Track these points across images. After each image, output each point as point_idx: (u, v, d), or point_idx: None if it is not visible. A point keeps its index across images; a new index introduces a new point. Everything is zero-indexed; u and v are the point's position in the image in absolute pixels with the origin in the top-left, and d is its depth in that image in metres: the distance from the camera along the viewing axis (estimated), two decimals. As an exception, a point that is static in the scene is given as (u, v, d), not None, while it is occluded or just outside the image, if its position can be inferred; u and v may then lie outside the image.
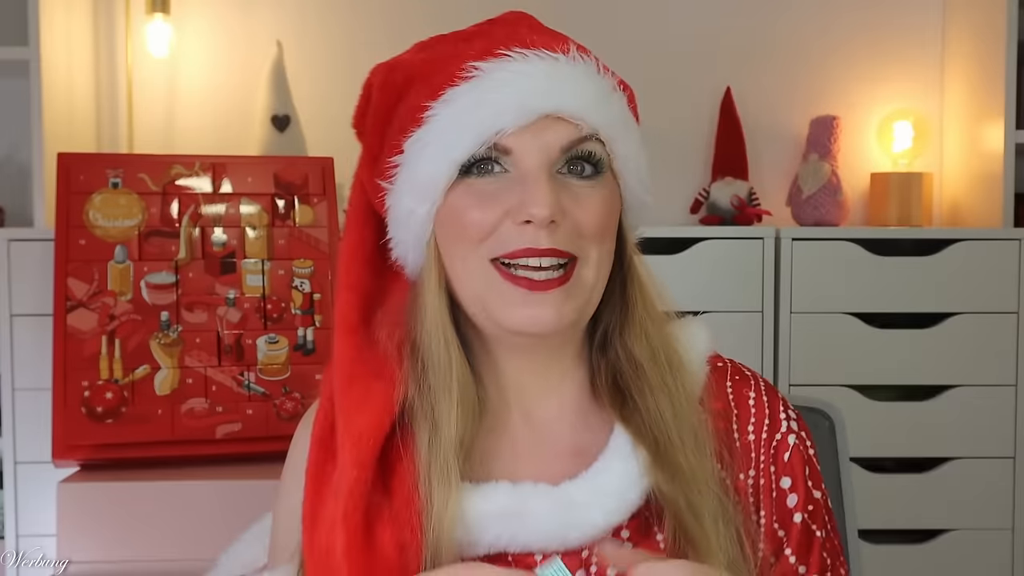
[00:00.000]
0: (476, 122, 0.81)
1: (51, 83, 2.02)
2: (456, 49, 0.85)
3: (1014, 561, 2.03)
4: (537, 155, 0.81)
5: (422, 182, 0.83)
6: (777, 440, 0.89)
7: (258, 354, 1.82)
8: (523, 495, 0.82)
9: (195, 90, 2.32)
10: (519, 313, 0.81)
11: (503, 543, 0.82)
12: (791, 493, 0.88)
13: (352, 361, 0.86)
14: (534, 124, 0.81)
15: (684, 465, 0.83)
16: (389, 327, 0.87)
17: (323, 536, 0.81)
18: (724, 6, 2.37)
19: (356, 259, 0.89)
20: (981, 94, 2.21)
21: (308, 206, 1.90)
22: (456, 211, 0.82)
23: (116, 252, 1.80)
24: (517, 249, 0.80)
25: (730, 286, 1.99)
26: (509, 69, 0.82)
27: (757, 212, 2.21)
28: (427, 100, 0.83)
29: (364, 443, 0.81)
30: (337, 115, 2.37)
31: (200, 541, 1.65)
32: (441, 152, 0.82)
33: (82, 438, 1.72)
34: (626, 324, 0.88)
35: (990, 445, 2.03)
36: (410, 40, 0.93)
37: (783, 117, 2.38)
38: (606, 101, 0.84)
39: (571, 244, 0.81)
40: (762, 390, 0.92)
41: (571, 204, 0.81)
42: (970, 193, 2.26)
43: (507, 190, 0.81)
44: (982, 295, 2.02)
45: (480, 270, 0.82)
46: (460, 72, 0.82)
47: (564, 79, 0.82)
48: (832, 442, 1.21)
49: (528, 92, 0.81)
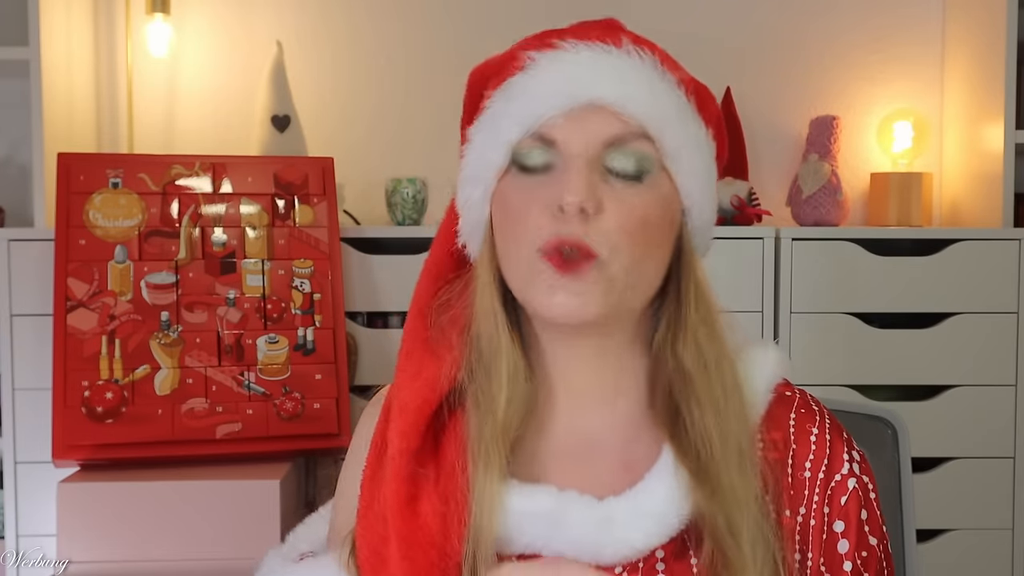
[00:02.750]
0: (522, 108, 0.83)
1: (51, 83, 2.02)
2: (525, 44, 0.87)
3: (1014, 561, 2.03)
4: (578, 144, 0.81)
5: (476, 168, 0.86)
6: (836, 482, 0.86)
7: (258, 354, 1.82)
8: (566, 503, 0.82)
9: (195, 90, 2.32)
10: (549, 301, 0.81)
11: (538, 546, 0.82)
12: (843, 538, 0.85)
13: (413, 338, 0.89)
14: (578, 115, 0.81)
15: (725, 482, 0.81)
16: (452, 311, 0.89)
17: (379, 503, 0.84)
18: (724, 6, 2.37)
19: (442, 248, 0.92)
20: (981, 94, 2.21)
21: (308, 206, 1.90)
22: (506, 203, 0.84)
23: (116, 252, 1.80)
24: (548, 239, 0.80)
25: (730, 286, 1.99)
26: (560, 59, 0.83)
27: (757, 212, 2.20)
28: (491, 91, 0.86)
29: (408, 415, 0.84)
30: (337, 115, 2.40)
31: (200, 541, 1.65)
32: (492, 138, 0.84)
33: (82, 438, 1.72)
34: (679, 332, 0.86)
35: (990, 445, 2.03)
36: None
37: (783, 117, 2.38)
38: (656, 94, 0.83)
39: (599, 242, 0.80)
40: (827, 427, 0.89)
41: (610, 202, 0.81)
42: (970, 193, 2.26)
43: (552, 182, 0.82)
44: (982, 295, 2.02)
45: (526, 260, 0.82)
46: (519, 63, 0.85)
47: (608, 68, 0.83)
48: (895, 450, 1.21)
49: (572, 80, 0.82)
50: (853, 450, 0.89)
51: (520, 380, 0.85)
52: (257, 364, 1.81)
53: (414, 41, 2.32)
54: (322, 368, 1.84)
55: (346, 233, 1.96)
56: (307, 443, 1.81)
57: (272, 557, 0.97)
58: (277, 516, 1.65)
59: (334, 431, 1.81)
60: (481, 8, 2.29)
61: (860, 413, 1.21)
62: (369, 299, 1.99)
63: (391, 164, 2.26)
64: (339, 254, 1.89)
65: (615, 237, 0.80)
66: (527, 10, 2.26)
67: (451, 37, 2.30)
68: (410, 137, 2.31)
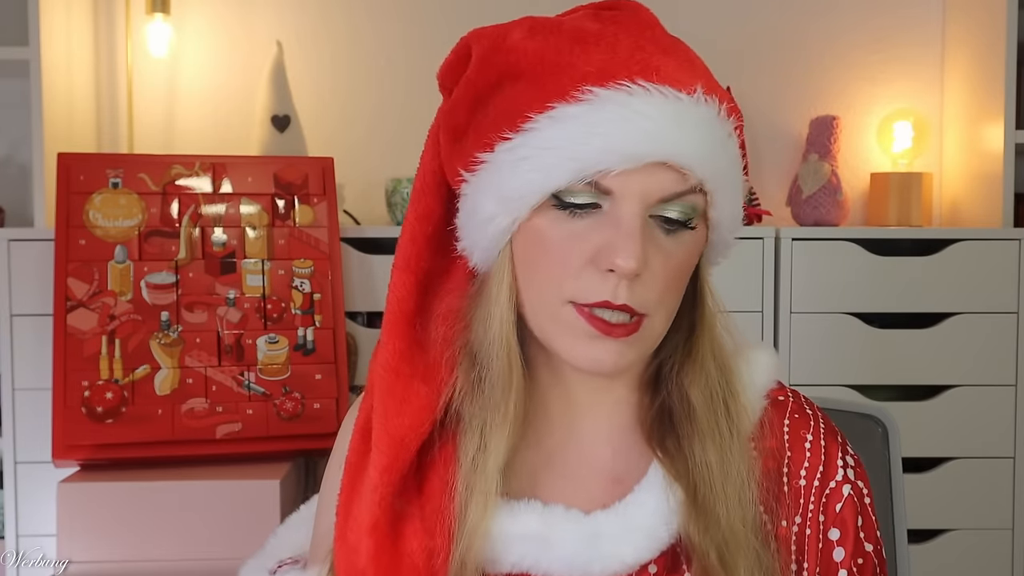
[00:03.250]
0: (581, 155, 0.74)
1: (51, 83, 2.01)
2: (572, 56, 0.76)
3: (1014, 561, 2.03)
4: (635, 200, 0.75)
5: (510, 195, 0.77)
6: (830, 489, 0.85)
7: (258, 354, 1.82)
8: (552, 520, 0.81)
9: (195, 90, 2.32)
10: (583, 353, 0.77)
11: (526, 565, 0.80)
12: (838, 546, 0.84)
13: (400, 356, 0.81)
14: (641, 169, 0.74)
15: (723, 518, 0.80)
16: (446, 325, 0.82)
17: (353, 533, 0.79)
18: (724, 6, 2.37)
19: (419, 234, 0.83)
20: (981, 94, 2.21)
21: (308, 206, 1.90)
22: (541, 239, 0.77)
23: (116, 252, 1.80)
24: (595, 302, 0.75)
25: (730, 286, 1.98)
26: (629, 105, 0.74)
27: (757, 212, 2.20)
28: (531, 107, 0.76)
29: (399, 447, 0.79)
30: (337, 115, 2.40)
31: (200, 541, 1.65)
32: (537, 174, 0.75)
33: (82, 438, 1.72)
34: (687, 364, 0.84)
35: (990, 445, 2.03)
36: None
37: (783, 117, 2.38)
38: (720, 150, 0.78)
39: (645, 302, 0.76)
40: (821, 432, 0.87)
41: (655, 256, 0.76)
42: (970, 193, 2.26)
43: (598, 229, 0.76)
44: (982, 295, 2.02)
45: (554, 306, 0.77)
46: (573, 89, 0.75)
47: (683, 126, 0.75)
48: (885, 449, 1.20)
49: (643, 137, 0.74)
50: (848, 455, 0.88)
51: (523, 408, 0.81)
52: (257, 364, 1.81)
53: (414, 41, 2.32)
54: (322, 368, 1.84)
55: (346, 233, 1.96)
56: (307, 443, 1.81)
57: (250, 568, 0.92)
58: (277, 516, 1.65)
59: (334, 431, 1.79)
60: (481, 8, 2.29)
61: (851, 412, 1.20)
62: (369, 299, 1.99)
63: (391, 164, 2.26)
64: (339, 254, 1.90)
65: (661, 296, 0.78)
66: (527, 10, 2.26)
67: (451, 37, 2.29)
68: (410, 137, 2.30)
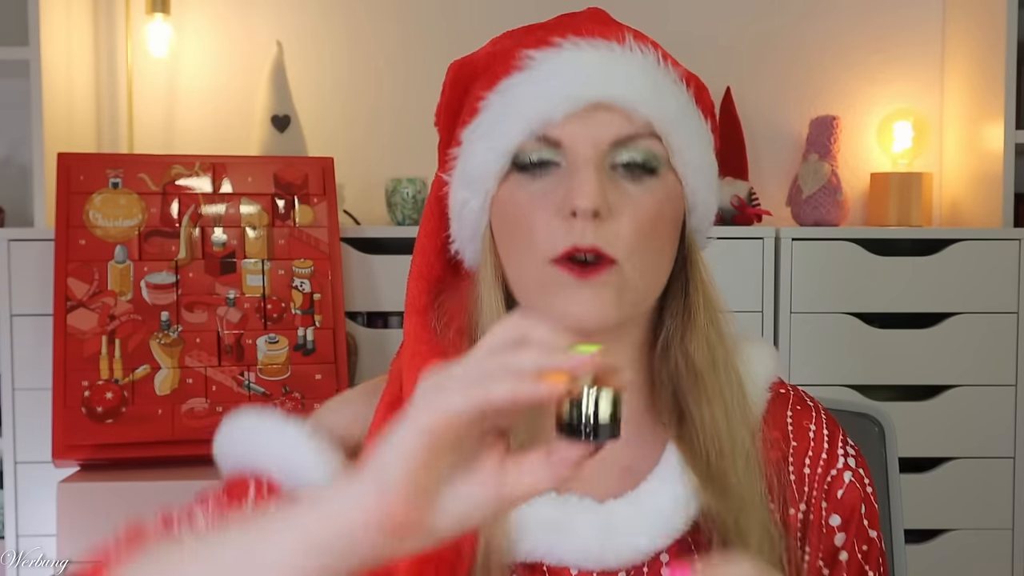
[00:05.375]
0: (525, 110, 0.80)
1: (51, 83, 2.01)
2: (516, 41, 0.84)
3: (1014, 561, 2.03)
4: (585, 146, 0.78)
5: (474, 172, 0.82)
6: (832, 476, 0.87)
7: (258, 354, 1.82)
8: (566, 508, 0.81)
9: (195, 90, 2.32)
10: (567, 308, 0.78)
11: (540, 553, 0.80)
12: (839, 532, 0.86)
13: (417, 340, 0.85)
14: (584, 114, 0.78)
15: (735, 483, 0.80)
16: (448, 317, 0.86)
17: None
18: (724, 6, 2.37)
19: (428, 249, 0.89)
20: (981, 94, 2.21)
21: (308, 206, 1.90)
22: (508, 207, 0.81)
23: (116, 252, 1.80)
24: (564, 249, 0.78)
25: (730, 286, 1.97)
26: (560, 58, 0.80)
27: (757, 212, 2.20)
28: (485, 91, 0.82)
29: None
30: (337, 115, 2.40)
31: (200, 541, 1.65)
32: (492, 142, 0.81)
33: (82, 438, 1.72)
34: (688, 330, 0.85)
35: (990, 445, 2.03)
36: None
37: (783, 117, 2.38)
38: (662, 92, 0.81)
39: (615, 246, 0.78)
40: (823, 422, 0.89)
41: (620, 204, 0.79)
42: (970, 193, 2.26)
43: (556, 185, 0.79)
44: (982, 295, 2.02)
45: (535, 269, 0.80)
46: (515, 62, 0.82)
47: (615, 67, 0.80)
48: (881, 448, 1.20)
49: (576, 80, 0.79)
50: (848, 445, 0.89)
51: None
52: (257, 364, 1.81)
53: (414, 41, 2.32)
54: (322, 368, 1.84)
55: (346, 233, 1.96)
56: (307, 443, 1.81)
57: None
58: (277, 516, 1.65)
59: (334, 431, 1.81)
60: (481, 8, 2.29)
61: (848, 411, 1.20)
62: (369, 299, 1.99)
63: (391, 164, 2.26)
64: (339, 254, 1.90)
65: (631, 240, 0.78)
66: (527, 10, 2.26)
67: (450, 38, 2.30)
68: (410, 137, 2.31)
